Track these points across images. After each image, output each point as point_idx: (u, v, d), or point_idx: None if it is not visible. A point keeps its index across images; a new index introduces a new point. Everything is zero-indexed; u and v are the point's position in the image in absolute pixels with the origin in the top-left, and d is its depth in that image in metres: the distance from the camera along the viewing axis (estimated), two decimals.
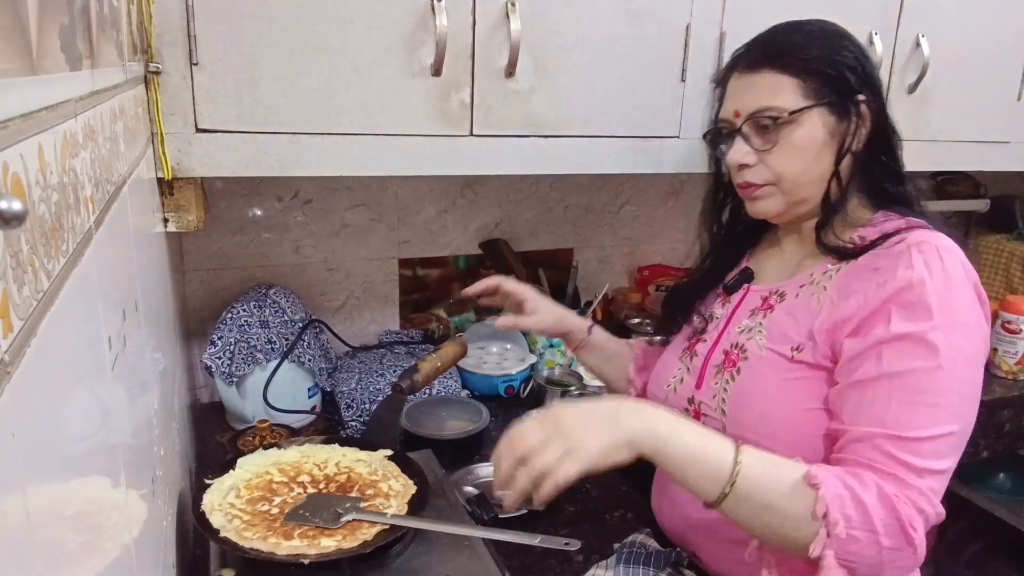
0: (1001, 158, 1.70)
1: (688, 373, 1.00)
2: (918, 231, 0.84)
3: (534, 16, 1.17)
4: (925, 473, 0.76)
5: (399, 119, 1.13)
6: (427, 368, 1.08)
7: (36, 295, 0.35)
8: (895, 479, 0.76)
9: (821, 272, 0.90)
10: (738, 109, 0.91)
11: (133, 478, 0.60)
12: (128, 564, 0.55)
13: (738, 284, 1.01)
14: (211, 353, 1.31)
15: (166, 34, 0.99)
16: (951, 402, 0.78)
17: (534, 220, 1.78)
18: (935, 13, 1.49)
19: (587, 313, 1.71)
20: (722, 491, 0.75)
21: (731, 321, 0.98)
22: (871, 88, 0.88)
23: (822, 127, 0.87)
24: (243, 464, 0.98)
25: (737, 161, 0.91)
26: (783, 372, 0.88)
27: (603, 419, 0.77)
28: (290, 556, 0.80)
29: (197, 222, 1.08)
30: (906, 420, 0.77)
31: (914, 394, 0.78)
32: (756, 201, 0.93)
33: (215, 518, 0.86)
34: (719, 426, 0.91)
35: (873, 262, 0.84)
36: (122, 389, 0.59)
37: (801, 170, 0.89)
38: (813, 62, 0.87)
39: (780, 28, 0.93)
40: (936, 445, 0.77)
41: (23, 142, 0.35)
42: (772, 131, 0.88)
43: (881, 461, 0.77)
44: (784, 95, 0.87)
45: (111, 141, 0.64)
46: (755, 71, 0.89)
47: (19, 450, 0.31)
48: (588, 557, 1.09)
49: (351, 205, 1.58)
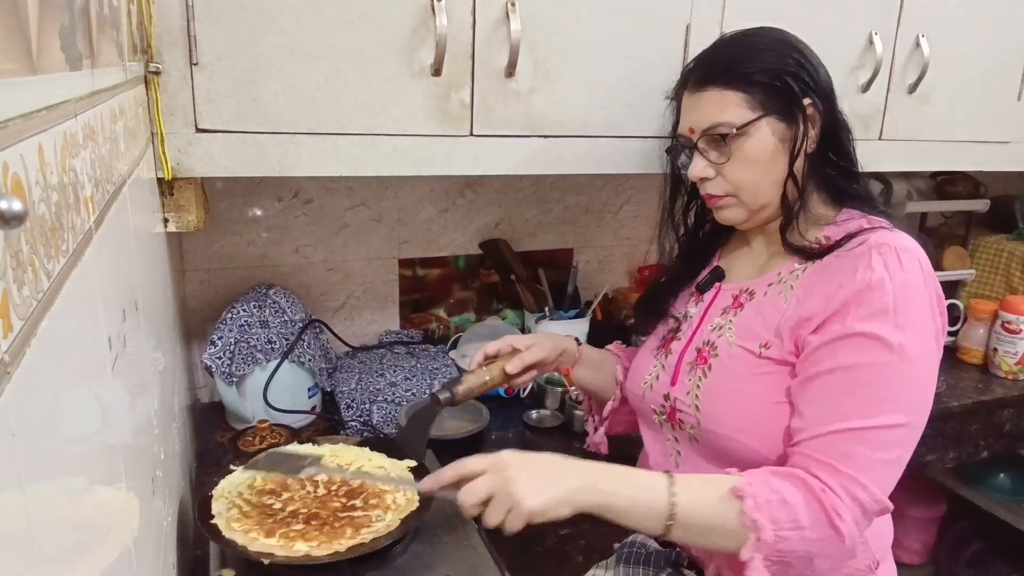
0: (1001, 158, 1.70)
1: (663, 370, 1.02)
2: (879, 231, 0.87)
3: (534, 16, 1.17)
4: (868, 462, 0.80)
5: (399, 119, 1.13)
6: (473, 381, 1.03)
7: (36, 295, 0.35)
8: (830, 469, 0.80)
9: (788, 271, 0.93)
10: (692, 126, 0.94)
11: (133, 478, 0.60)
12: (128, 564, 0.55)
13: (710, 283, 1.04)
14: (211, 353, 1.31)
15: (166, 34, 0.99)
16: (902, 396, 0.82)
17: (534, 220, 1.78)
18: (935, 13, 1.49)
19: (587, 313, 1.71)
20: (665, 525, 0.80)
21: (704, 319, 1.01)
22: (817, 91, 0.91)
23: (772, 135, 0.90)
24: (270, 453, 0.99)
25: (697, 176, 0.95)
26: (752, 368, 0.91)
27: (545, 478, 0.81)
28: (257, 552, 0.82)
29: (197, 222, 1.08)
30: (855, 410, 0.81)
31: (865, 387, 0.81)
32: (721, 211, 0.97)
33: (218, 504, 0.88)
34: (693, 421, 0.94)
35: (836, 263, 0.88)
36: (122, 389, 0.59)
37: (756, 179, 0.92)
38: (756, 75, 0.89)
39: (725, 42, 0.97)
40: (885, 434, 0.81)
41: (23, 142, 0.35)
42: (725, 145, 0.91)
43: (823, 452, 0.81)
44: (731, 110, 0.90)
45: (111, 141, 0.64)
46: (702, 88, 0.93)
47: (19, 450, 0.31)
48: (588, 557, 1.09)
49: (351, 205, 1.58)
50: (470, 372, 1.05)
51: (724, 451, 0.92)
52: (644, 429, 1.08)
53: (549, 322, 1.66)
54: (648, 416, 1.04)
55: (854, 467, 0.80)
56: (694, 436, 0.96)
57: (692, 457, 0.98)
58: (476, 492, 0.81)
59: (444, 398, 1.00)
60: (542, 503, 0.79)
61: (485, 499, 0.81)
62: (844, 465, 0.80)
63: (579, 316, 1.70)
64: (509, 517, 0.79)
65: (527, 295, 1.70)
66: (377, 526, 0.87)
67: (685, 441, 0.99)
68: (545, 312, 1.68)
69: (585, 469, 0.83)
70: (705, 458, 0.96)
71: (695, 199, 1.08)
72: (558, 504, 0.79)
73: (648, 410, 1.04)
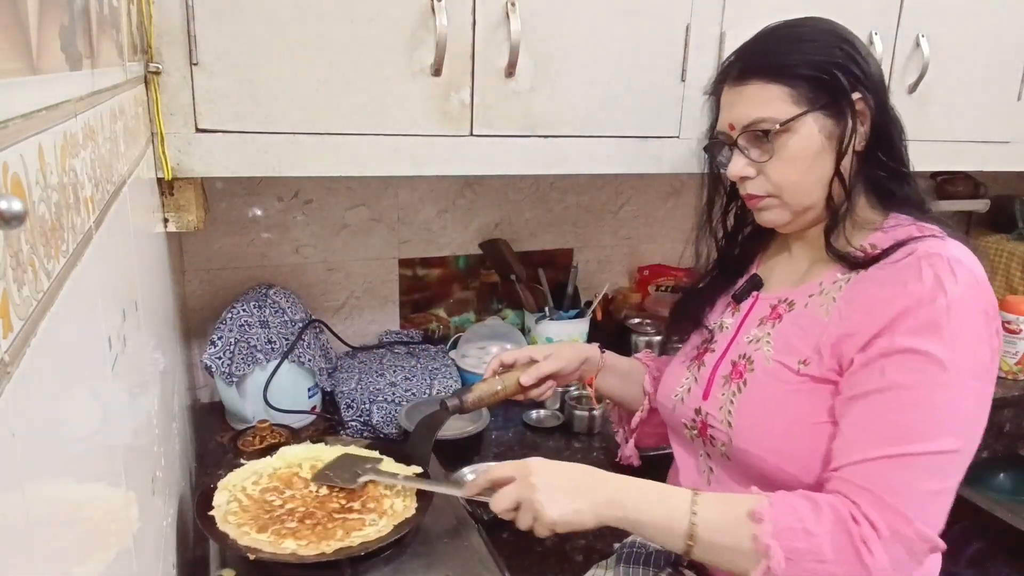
0: (1001, 158, 1.70)
1: (695, 383, 0.97)
2: (929, 240, 0.81)
3: (534, 16, 1.17)
4: (915, 494, 0.74)
5: (399, 119, 1.13)
6: (483, 391, 1.01)
7: (36, 295, 0.35)
8: (872, 498, 0.74)
9: (830, 281, 0.87)
10: (732, 122, 0.89)
11: (133, 478, 0.60)
12: (128, 564, 0.55)
13: (747, 292, 0.98)
14: (211, 353, 1.31)
15: (166, 34, 0.99)
16: (953, 418, 0.76)
17: (534, 220, 1.78)
18: (935, 13, 1.49)
19: (587, 313, 1.71)
20: (686, 544, 0.78)
21: (740, 330, 0.96)
22: (868, 85, 0.85)
23: (817, 132, 0.85)
24: (283, 453, 1.01)
25: (737, 175, 0.89)
26: (789, 385, 0.85)
27: (569, 490, 0.81)
28: (245, 546, 0.83)
29: (197, 222, 1.08)
30: (903, 434, 0.75)
31: (913, 407, 0.76)
32: (761, 212, 0.92)
33: (219, 496, 0.89)
34: (725, 438, 0.90)
35: (882, 275, 0.82)
36: (122, 389, 0.59)
37: (799, 179, 0.86)
38: (801, 67, 0.84)
39: (767, 33, 0.90)
40: (934, 462, 0.75)
41: (23, 142, 0.35)
42: (767, 142, 0.86)
43: (866, 480, 0.75)
44: (774, 104, 0.85)
45: (111, 141, 0.64)
46: (744, 82, 0.87)
47: (19, 450, 0.31)
48: (588, 557, 1.09)
49: (351, 205, 1.58)
50: (482, 381, 1.03)
51: (757, 471, 0.87)
52: (675, 444, 1.03)
53: (549, 322, 1.66)
54: (679, 430, 1.00)
55: (900, 499, 0.73)
56: (726, 454, 0.91)
57: (724, 476, 0.93)
58: (503, 500, 0.82)
59: (452, 406, 0.99)
60: (563, 514, 0.79)
61: (513, 506, 0.82)
62: (889, 496, 0.73)
63: (579, 316, 1.69)
64: (535, 525, 0.81)
65: (527, 295, 1.70)
66: (368, 530, 0.87)
67: (717, 458, 0.94)
68: (545, 312, 1.68)
69: (611, 482, 0.82)
70: (737, 478, 0.91)
71: (735, 200, 1.02)
72: (580, 516, 0.79)
73: (679, 424, 0.99)
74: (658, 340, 1.73)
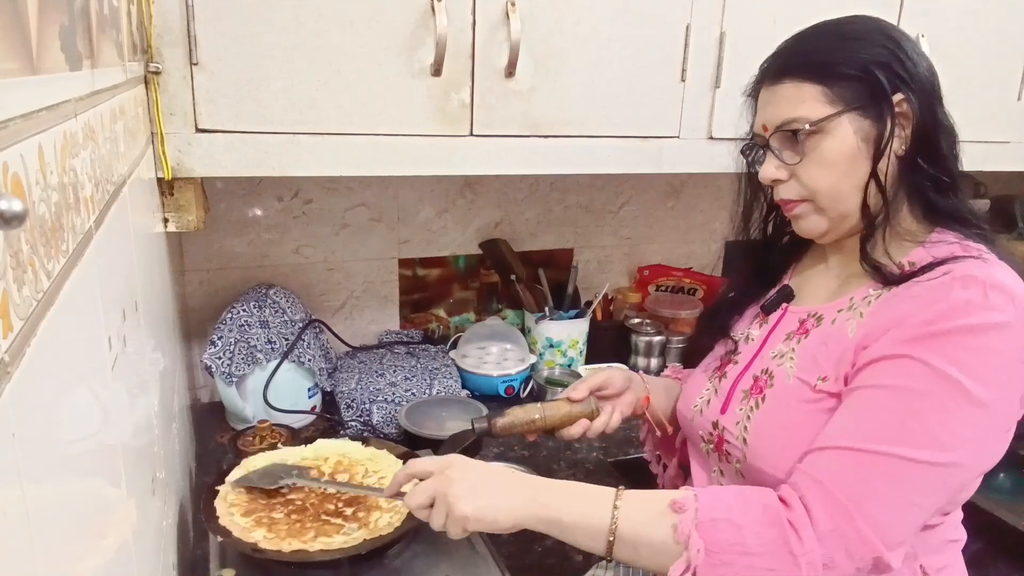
0: (1001, 158, 1.70)
1: (715, 395, 0.93)
2: (969, 262, 0.75)
3: (534, 16, 1.17)
4: (873, 495, 0.69)
5: (399, 119, 1.13)
6: (518, 416, 0.96)
7: (36, 295, 0.35)
8: (820, 489, 0.70)
9: (861, 297, 0.83)
10: (765, 123, 0.85)
11: (133, 478, 0.60)
12: (128, 564, 0.55)
13: (776, 303, 0.94)
14: (211, 353, 1.31)
15: (166, 34, 0.99)
16: (952, 433, 0.70)
17: (534, 220, 1.78)
18: (935, 13, 1.49)
19: (587, 313, 1.71)
20: (607, 542, 0.74)
21: (765, 344, 0.91)
22: (913, 87, 0.80)
23: (853, 134, 0.80)
24: (317, 446, 1.04)
25: (769, 177, 0.85)
26: (807, 402, 0.81)
27: (485, 484, 0.78)
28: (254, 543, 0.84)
29: (197, 222, 1.08)
30: (883, 431, 0.71)
31: (893, 408, 0.71)
32: (798, 220, 0.87)
33: (220, 504, 0.90)
34: (740, 455, 0.86)
35: (911, 292, 0.77)
36: (122, 389, 0.59)
37: (834, 183, 0.81)
38: (839, 65, 0.80)
39: (808, 31, 0.86)
40: (913, 470, 0.69)
41: (23, 142, 0.35)
42: (799, 143, 0.81)
43: (819, 468, 0.72)
44: (807, 104, 0.80)
45: (111, 141, 0.64)
46: (779, 81, 0.83)
47: (19, 450, 0.31)
48: (588, 557, 1.09)
49: (351, 205, 1.58)
50: (522, 407, 0.97)
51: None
52: (692, 456, 0.99)
53: (549, 322, 1.66)
54: (696, 443, 0.96)
55: (850, 495, 0.69)
56: (740, 471, 0.87)
57: None
58: (418, 495, 0.79)
59: (478, 428, 0.96)
60: (476, 509, 0.75)
61: (428, 502, 0.78)
62: (839, 489, 0.69)
63: (579, 316, 1.70)
64: (447, 523, 0.77)
65: (527, 295, 1.70)
66: (336, 539, 0.86)
67: (731, 476, 0.90)
68: (545, 312, 1.68)
69: (531, 482, 0.79)
70: None
71: (775, 209, 0.96)
72: (494, 512, 0.75)
73: (696, 436, 0.95)
74: (658, 340, 1.73)
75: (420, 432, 1.30)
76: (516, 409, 0.97)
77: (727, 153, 0.97)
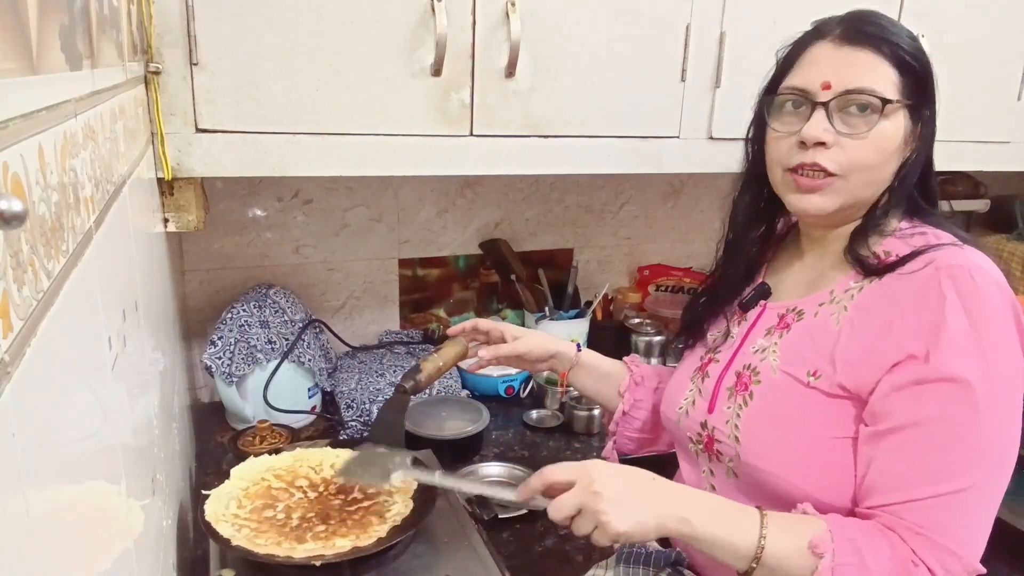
0: (1001, 158, 1.70)
1: (700, 396, 0.94)
2: (947, 249, 0.79)
3: (534, 16, 1.17)
4: (965, 530, 0.74)
5: (399, 119, 1.13)
6: (430, 368, 1.06)
7: (36, 295, 0.35)
8: (924, 540, 0.74)
9: (842, 289, 0.84)
10: (830, 81, 0.81)
11: (133, 478, 0.60)
12: (128, 564, 0.55)
13: (754, 301, 0.95)
14: (211, 353, 1.31)
15: (166, 34, 0.99)
16: (992, 444, 0.75)
17: (534, 220, 1.78)
18: (935, 13, 1.49)
19: (587, 313, 1.71)
20: (749, 566, 0.76)
21: (745, 341, 0.92)
22: (933, 103, 0.85)
23: (901, 129, 0.81)
24: (237, 473, 0.98)
25: (815, 137, 0.80)
26: (799, 397, 0.83)
27: (634, 499, 0.78)
28: (306, 559, 0.81)
29: (197, 222, 1.08)
30: (949, 470, 0.74)
31: (955, 441, 0.74)
32: (811, 195, 0.83)
33: (222, 528, 0.87)
34: (732, 453, 0.87)
35: (899, 286, 0.79)
36: (122, 389, 0.59)
37: (875, 166, 0.81)
38: (909, 58, 0.81)
39: (876, 12, 0.84)
40: (981, 493, 0.74)
41: (23, 142, 0.35)
42: (861, 117, 0.80)
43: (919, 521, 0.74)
44: (883, 82, 0.80)
45: (111, 141, 0.64)
46: (855, 45, 0.80)
47: (19, 450, 0.31)
48: (588, 557, 1.09)
49: (351, 205, 1.58)
50: (424, 360, 1.08)
51: (768, 489, 0.84)
52: (681, 457, 1.01)
53: (549, 322, 1.66)
54: (684, 444, 0.97)
55: (949, 537, 0.73)
56: (733, 470, 0.88)
57: (728, 493, 0.90)
58: (563, 509, 0.78)
59: (409, 386, 1.03)
60: (630, 527, 0.76)
61: (573, 514, 0.79)
62: (939, 536, 0.73)
63: (579, 316, 1.70)
64: (595, 534, 0.77)
65: (527, 295, 1.70)
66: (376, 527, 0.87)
67: (722, 475, 0.91)
68: (545, 312, 1.68)
69: (676, 495, 0.80)
70: (744, 495, 0.88)
71: (764, 195, 0.95)
72: (645, 529, 0.77)
73: (684, 438, 0.96)
74: (658, 340, 1.73)
75: (420, 432, 1.30)
76: (424, 363, 1.07)
77: (727, 153, 0.97)
